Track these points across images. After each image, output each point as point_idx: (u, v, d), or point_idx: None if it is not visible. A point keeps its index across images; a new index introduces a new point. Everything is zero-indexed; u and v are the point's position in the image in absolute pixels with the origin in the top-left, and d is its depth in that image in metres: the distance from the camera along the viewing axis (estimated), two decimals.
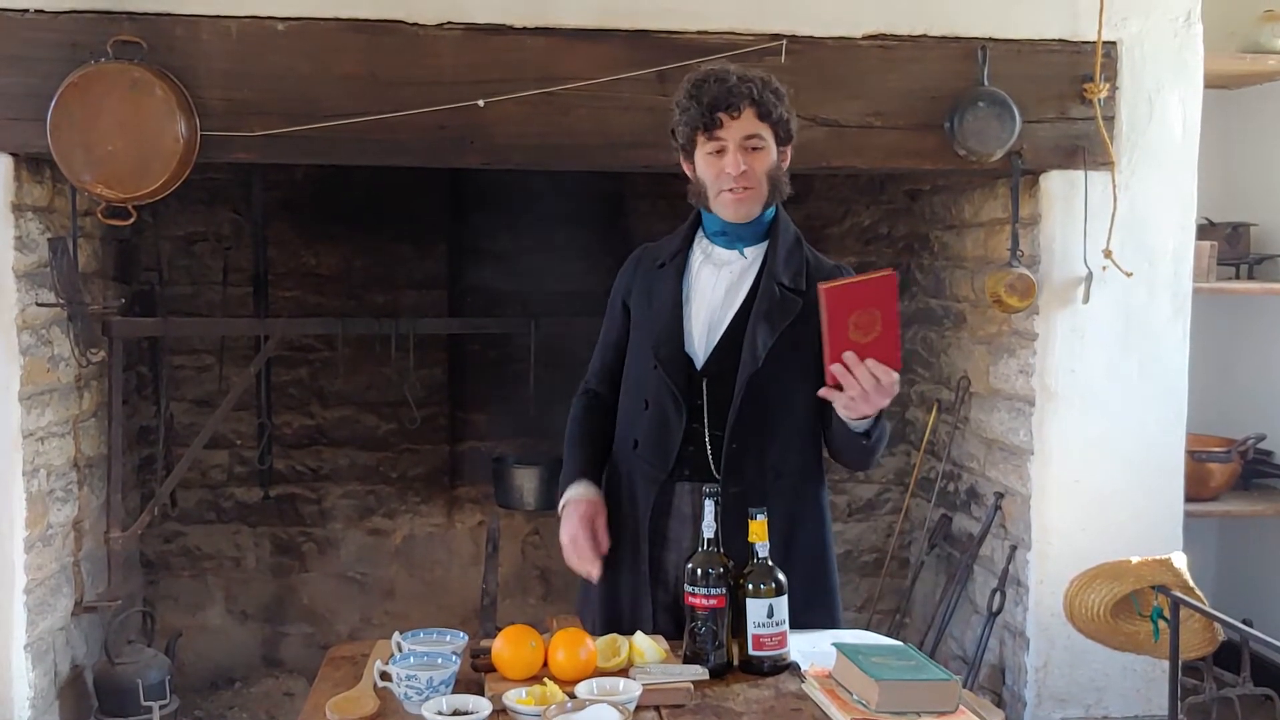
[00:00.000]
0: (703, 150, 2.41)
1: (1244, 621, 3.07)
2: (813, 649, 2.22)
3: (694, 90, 2.40)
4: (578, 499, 2.49)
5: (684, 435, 2.43)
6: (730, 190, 2.39)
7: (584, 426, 2.62)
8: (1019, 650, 3.74)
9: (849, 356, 2.16)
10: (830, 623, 2.49)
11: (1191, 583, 3.03)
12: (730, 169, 2.36)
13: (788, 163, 2.49)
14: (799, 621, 2.27)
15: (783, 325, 2.40)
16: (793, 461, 2.47)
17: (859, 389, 2.18)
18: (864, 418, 2.27)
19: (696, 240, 2.53)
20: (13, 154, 3.16)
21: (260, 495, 4.42)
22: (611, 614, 2.49)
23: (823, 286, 2.17)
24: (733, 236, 2.47)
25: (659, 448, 2.46)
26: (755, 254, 2.48)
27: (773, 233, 2.49)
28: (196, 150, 3.13)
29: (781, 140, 2.44)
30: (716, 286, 2.47)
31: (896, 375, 2.20)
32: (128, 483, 4.04)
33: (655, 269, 2.54)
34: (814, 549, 2.51)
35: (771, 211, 2.49)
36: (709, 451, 2.43)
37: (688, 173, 2.49)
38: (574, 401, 2.66)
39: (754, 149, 2.38)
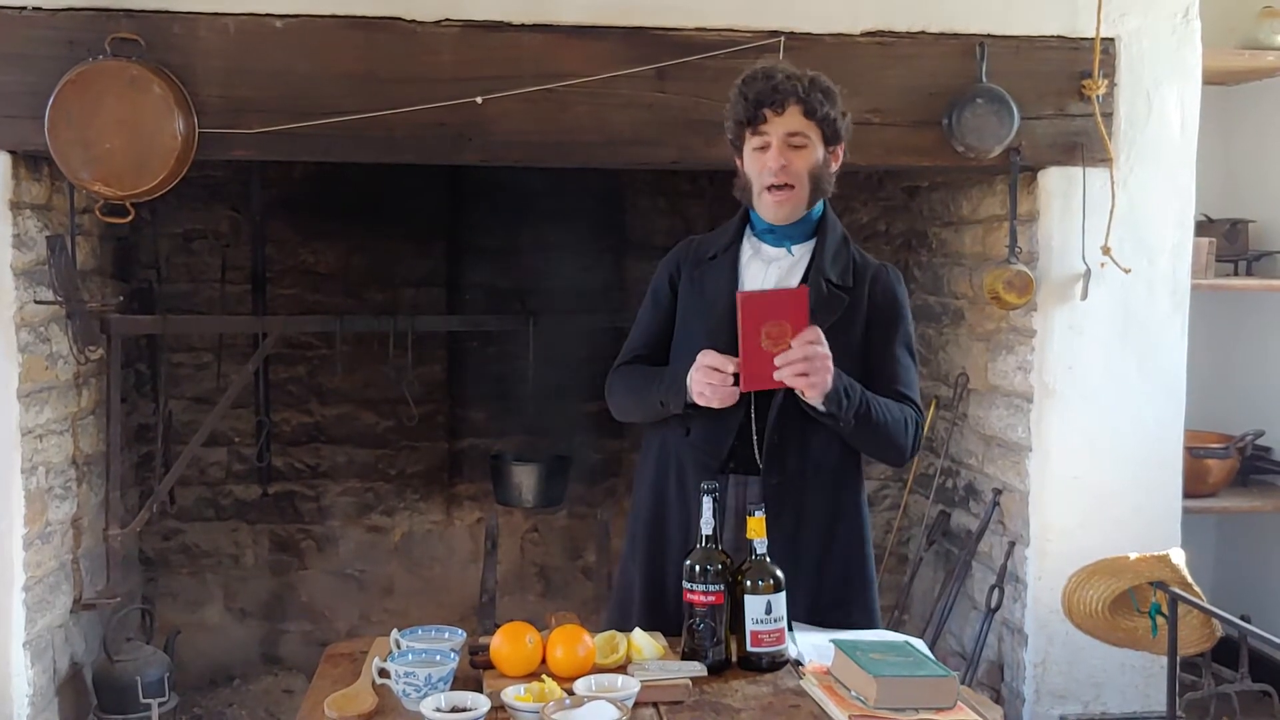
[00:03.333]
0: (748, 146, 2.45)
1: (1242, 618, 3.07)
2: (814, 646, 2.22)
3: (743, 86, 2.44)
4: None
5: (738, 426, 2.44)
6: (770, 191, 2.41)
7: (642, 367, 2.58)
8: (1017, 646, 3.74)
9: (780, 361, 2.27)
10: (868, 620, 2.49)
11: (1189, 579, 3.03)
12: (771, 164, 2.39)
13: (839, 163, 2.50)
14: (835, 618, 2.28)
15: (829, 320, 2.41)
16: (833, 456, 2.48)
17: (803, 368, 2.27)
18: (824, 394, 2.32)
19: (745, 235, 2.55)
20: (11, 151, 3.15)
21: (259, 493, 4.41)
22: (657, 614, 2.45)
23: (739, 294, 2.31)
24: (780, 235, 2.50)
25: (712, 438, 2.47)
26: (802, 251, 2.51)
27: (820, 230, 2.52)
28: (195, 147, 3.13)
29: (829, 140, 2.45)
30: (766, 280, 2.50)
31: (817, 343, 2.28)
32: (126, 480, 4.04)
33: (706, 260, 2.55)
34: (853, 544, 2.53)
35: (820, 209, 2.52)
36: (755, 443, 2.44)
37: (739, 168, 2.51)
38: (612, 374, 2.62)
39: (797, 147, 2.41)
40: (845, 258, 2.51)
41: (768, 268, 2.50)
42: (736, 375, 2.31)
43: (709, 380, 2.32)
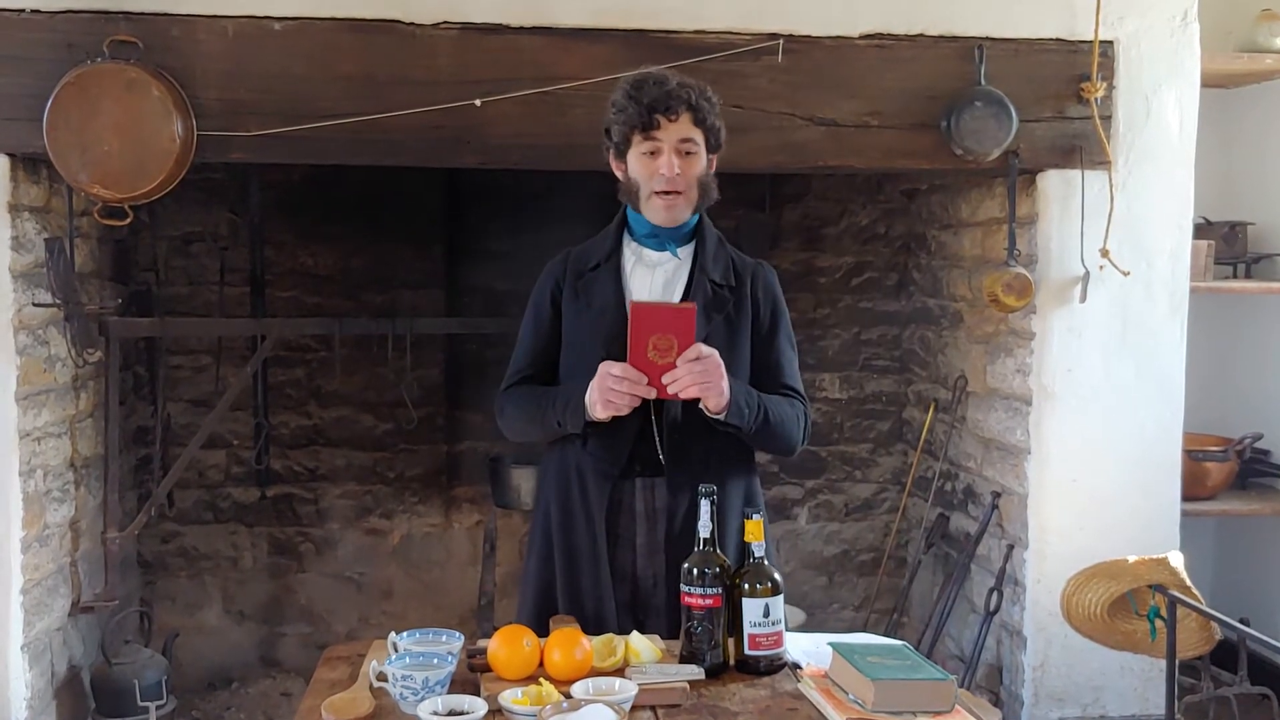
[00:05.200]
0: (637, 150, 2.47)
1: (1241, 620, 3.06)
2: (815, 648, 2.22)
3: (633, 90, 2.46)
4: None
5: (637, 430, 2.45)
6: (660, 195, 2.45)
7: (533, 388, 2.58)
8: (1016, 649, 3.74)
9: (666, 379, 2.32)
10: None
11: (1188, 582, 3.03)
12: (665, 170, 2.43)
13: (714, 170, 2.55)
14: None
15: (718, 318, 2.49)
16: (730, 450, 2.51)
17: (694, 380, 2.31)
18: (722, 409, 2.37)
19: (625, 243, 2.58)
20: (9, 154, 3.16)
21: (257, 495, 4.41)
22: (574, 616, 2.47)
23: (632, 302, 2.37)
24: (664, 238, 2.53)
25: (612, 444, 2.48)
26: (685, 254, 2.55)
27: (699, 233, 2.57)
28: (193, 150, 3.13)
29: (711, 148, 2.51)
30: (654, 285, 2.54)
31: (706, 350, 2.33)
32: (125, 483, 4.04)
33: (589, 271, 2.57)
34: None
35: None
36: (658, 444, 2.46)
37: (617, 172, 2.55)
38: (501, 397, 2.62)
39: (687, 153, 2.46)
40: (725, 258, 2.57)
41: (653, 273, 2.54)
42: None
43: (619, 388, 2.33)
